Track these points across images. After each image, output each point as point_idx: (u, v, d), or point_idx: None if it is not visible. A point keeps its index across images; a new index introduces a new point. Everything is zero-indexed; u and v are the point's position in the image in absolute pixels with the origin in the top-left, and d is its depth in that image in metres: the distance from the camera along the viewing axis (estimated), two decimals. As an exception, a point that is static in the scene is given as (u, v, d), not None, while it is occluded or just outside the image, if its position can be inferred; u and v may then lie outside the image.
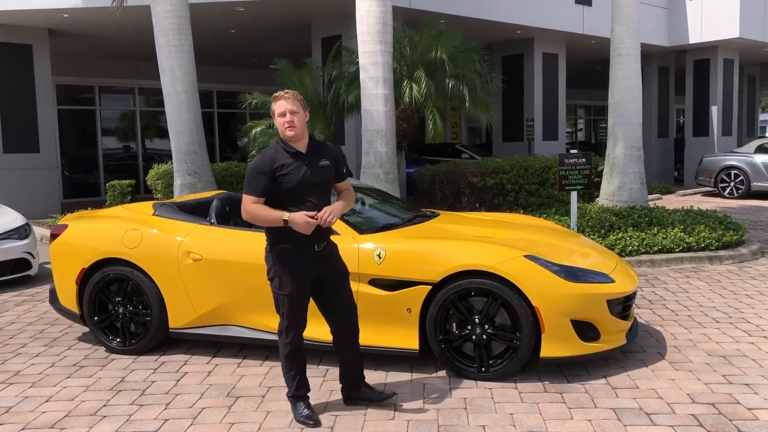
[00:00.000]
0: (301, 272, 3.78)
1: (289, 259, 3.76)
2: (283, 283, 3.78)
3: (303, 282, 3.79)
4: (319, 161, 3.81)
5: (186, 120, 9.18)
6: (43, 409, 4.18)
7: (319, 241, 3.81)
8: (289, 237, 3.71)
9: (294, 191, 3.71)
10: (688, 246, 8.30)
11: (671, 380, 4.40)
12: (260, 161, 3.73)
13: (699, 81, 19.01)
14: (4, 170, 13.01)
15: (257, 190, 3.68)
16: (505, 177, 11.18)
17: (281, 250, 3.77)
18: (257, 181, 3.68)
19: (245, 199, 3.70)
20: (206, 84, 17.03)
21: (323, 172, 3.82)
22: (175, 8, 8.99)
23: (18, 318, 6.42)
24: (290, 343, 3.87)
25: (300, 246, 3.75)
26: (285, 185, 3.70)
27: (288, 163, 3.72)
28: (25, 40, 13.26)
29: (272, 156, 3.73)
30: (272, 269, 3.82)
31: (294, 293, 3.77)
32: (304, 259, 3.78)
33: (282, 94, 3.81)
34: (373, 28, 8.37)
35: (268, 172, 3.68)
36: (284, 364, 3.91)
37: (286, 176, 3.70)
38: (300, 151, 3.78)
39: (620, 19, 10.62)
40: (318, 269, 3.85)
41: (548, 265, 4.43)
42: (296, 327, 3.86)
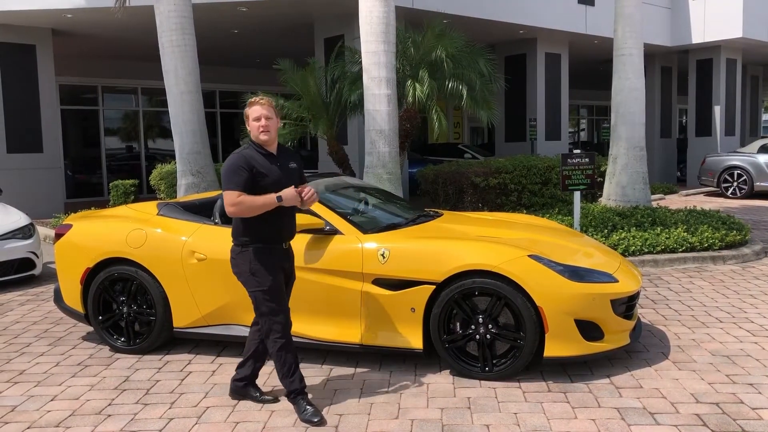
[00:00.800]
0: (275, 268, 3.95)
1: (264, 256, 3.92)
2: (261, 280, 3.91)
3: (279, 274, 3.97)
4: (288, 164, 4.06)
5: (189, 120, 9.19)
6: (48, 408, 4.20)
7: (287, 239, 4.06)
8: (261, 236, 3.91)
9: (270, 188, 3.87)
10: (691, 246, 8.30)
11: (675, 380, 4.40)
12: (239, 158, 3.87)
13: (702, 81, 18.99)
14: (7, 170, 13.04)
15: (240, 185, 3.81)
16: (508, 177, 11.18)
17: (256, 249, 3.91)
18: (239, 176, 3.82)
19: (229, 195, 3.80)
20: (209, 84, 17.09)
21: (293, 174, 4.07)
22: (179, 8, 8.99)
23: (22, 317, 6.44)
24: (282, 336, 3.95)
25: (272, 244, 3.96)
26: (262, 183, 3.87)
27: (263, 163, 3.91)
28: (29, 40, 13.29)
29: (249, 155, 3.90)
30: (248, 269, 3.92)
31: (273, 286, 3.92)
32: (276, 256, 3.97)
33: (257, 99, 3.96)
34: (376, 28, 8.37)
35: (247, 168, 3.83)
36: (279, 360, 3.96)
37: (263, 175, 3.88)
38: (272, 153, 3.99)
39: (623, 19, 10.62)
40: (285, 266, 4.07)
41: (552, 264, 4.44)
42: (283, 319, 3.95)
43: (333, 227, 4.78)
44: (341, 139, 12.28)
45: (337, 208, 5.03)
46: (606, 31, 15.71)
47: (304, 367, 4.77)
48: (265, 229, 3.90)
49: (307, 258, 4.71)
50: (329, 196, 5.31)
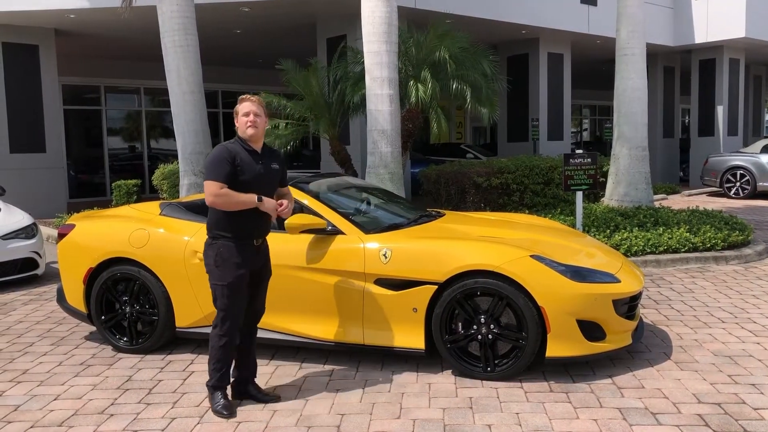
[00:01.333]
0: (241, 265, 4.00)
1: (232, 251, 3.98)
2: (224, 274, 3.98)
3: (242, 274, 4.01)
4: (271, 164, 4.13)
5: (192, 120, 9.20)
6: (51, 407, 4.21)
7: (258, 237, 4.10)
8: (235, 231, 3.99)
9: (249, 184, 3.96)
10: (693, 246, 8.29)
11: (677, 380, 4.40)
12: (222, 151, 3.95)
13: (704, 81, 18.97)
14: (10, 170, 13.07)
15: (222, 177, 3.89)
16: (510, 177, 11.18)
17: (225, 243, 3.99)
18: (221, 168, 3.90)
19: (212, 186, 3.88)
20: (212, 84, 17.09)
21: (274, 174, 4.15)
22: (182, 9, 9.00)
23: (25, 317, 6.45)
24: (226, 334, 4.01)
25: (242, 240, 4.01)
26: (242, 177, 3.95)
27: (246, 158, 3.99)
28: (32, 40, 13.32)
29: (232, 148, 3.99)
30: (213, 261, 4.01)
31: (233, 283, 3.98)
32: (245, 253, 4.02)
33: (248, 96, 4.08)
34: (379, 28, 8.38)
35: (230, 161, 3.92)
36: (214, 355, 4.03)
37: (245, 169, 3.96)
38: (257, 150, 4.07)
39: (625, 19, 10.62)
40: (255, 264, 4.11)
41: (554, 265, 4.44)
42: (233, 318, 4.02)
43: (335, 227, 4.78)
44: (343, 139, 12.29)
45: (339, 208, 5.04)
46: (609, 31, 15.69)
47: (306, 366, 4.79)
48: (239, 225, 3.99)
49: (309, 258, 4.72)
50: (331, 196, 5.32)
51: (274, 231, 5.00)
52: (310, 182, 5.38)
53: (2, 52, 13.05)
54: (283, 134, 11.05)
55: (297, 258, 4.75)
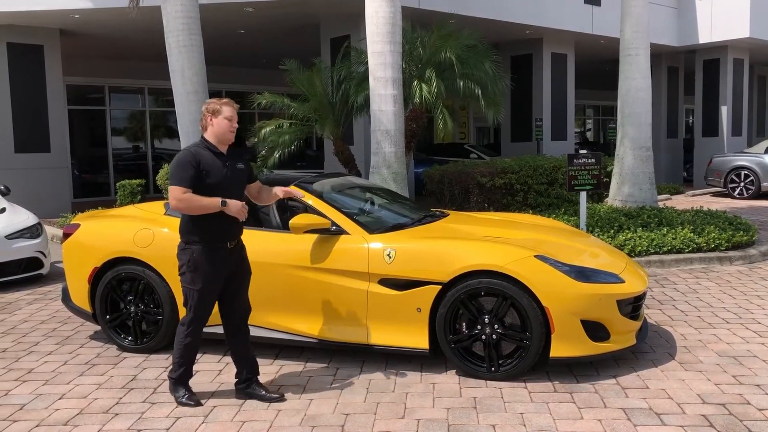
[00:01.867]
0: (215, 270, 4.04)
1: (205, 256, 4.01)
2: (195, 279, 4.02)
3: (215, 279, 4.06)
4: (236, 164, 4.16)
5: (196, 120, 9.19)
6: (57, 406, 4.22)
7: (231, 239, 4.11)
8: (207, 236, 4.01)
9: (215, 186, 3.99)
10: (697, 246, 8.28)
11: (681, 380, 4.40)
12: (187, 155, 3.99)
13: (709, 81, 18.93)
14: (15, 170, 13.10)
15: (186, 182, 3.91)
16: (514, 177, 11.17)
17: (198, 247, 4.02)
18: (186, 173, 3.92)
19: (175, 190, 3.91)
20: (215, 84, 17.08)
21: (239, 174, 4.17)
22: (186, 9, 9.01)
23: (30, 316, 6.47)
24: (191, 334, 4.11)
25: (215, 244, 4.04)
26: (209, 180, 3.98)
27: (211, 161, 4.02)
28: (37, 40, 13.35)
29: (197, 152, 4.01)
30: (186, 265, 4.04)
31: (204, 289, 4.04)
32: (218, 257, 4.05)
33: (229, 101, 4.12)
34: (382, 28, 8.38)
35: (195, 166, 3.95)
36: (179, 352, 4.13)
37: (211, 172, 3.99)
38: (223, 152, 4.12)
39: (629, 19, 10.61)
40: (229, 266, 4.12)
41: (558, 265, 4.44)
42: (200, 320, 4.12)
43: (339, 227, 4.79)
44: (347, 140, 12.29)
45: (343, 208, 5.05)
46: (612, 31, 15.66)
47: (310, 366, 4.80)
48: (211, 229, 4.01)
49: (313, 258, 4.73)
50: (335, 196, 5.33)
51: (278, 231, 5.02)
52: (314, 182, 5.39)
53: (7, 52, 13.08)
54: (286, 134, 11.06)
55: (301, 258, 4.76)
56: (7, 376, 4.79)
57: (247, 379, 4.27)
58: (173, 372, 4.19)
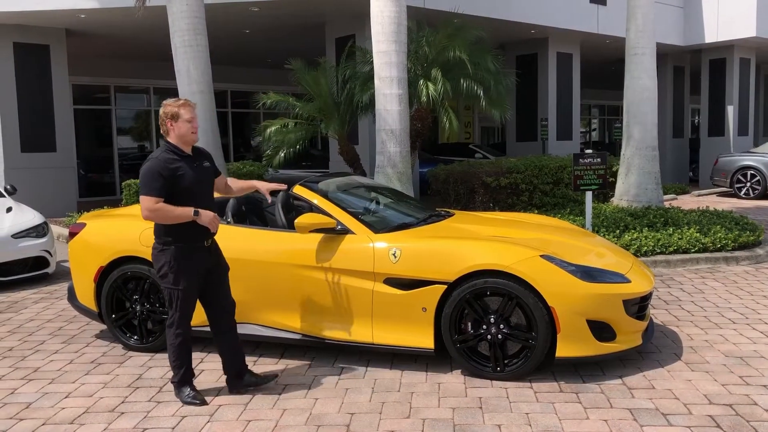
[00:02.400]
0: (194, 267, 4.12)
1: (184, 256, 4.08)
2: (177, 278, 4.08)
3: (195, 276, 4.13)
4: (203, 163, 4.23)
5: (201, 120, 9.20)
6: (63, 405, 4.24)
7: (207, 238, 4.18)
8: (183, 236, 4.06)
9: (189, 189, 4.05)
10: (703, 246, 8.25)
11: (687, 381, 4.38)
12: (157, 164, 3.98)
13: (715, 80, 18.87)
14: (21, 169, 13.15)
15: (156, 191, 3.95)
16: (519, 177, 11.15)
17: (176, 248, 4.06)
18: (157, 182, 3.95)
19: (147, 201, 3.94)
20: (220, 84, 17.13)
21: (207, 172, 4.25)
22: (191, 9, 9.04)
23: (36, 315, 6.49)
24: (181, 334, 4.16)
25: (193, 243, 4.10)
26: (182, 184, 4.03)
27: (181, 165, 4.06)
28: (43, 40, 13.39)
29: (166, 159, 4.03)
30: (166, 266, 4.09)
31: (188, 288, 4.11)
32: (196, 255, 4.13)
33: (187, 102, 4.14)
34: (388, 28, 8.38)
35: (166, 175, 3.97)
36: (174, 354, 4.17)
37: (183, 176, 4.03)
38: (189, 154, 4.16)
39: (635, 19, 10.58)
40: (207, 263, 4.20)
41: (564, 264, 4.43)
42: (187, 318, 4.17)
43: (344, 227, 4.79)
44: (352, 139, 12.29)
45: (348, 207, 5.05)
46: (618, 31, 15.63)
47: (316, 365, 4.80)
48: (187, 230, 4.06)
49: (318, 257, 4.73)
50: (341, 196, 5.33)
51: (283, 230, 5.03)
52: (319, 182, 5.39)
53: (13, 52, 13.13)
54: (291, 134, 11.06)
55: (306, 257, 4.76)
56: (14, 375, 4.81)
57: (237, 374, 4.34)
58: (174, 376, 4.22)
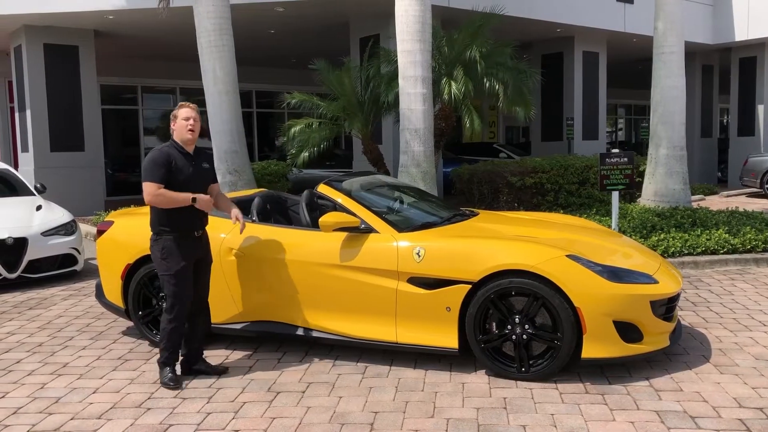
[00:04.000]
0: (185, 255, 4.44)
1: (177, 243, 4.42)
2: (170, 265, 4.41)
3: (187, 263, 4.44)
4: (202, 164, 4.59)
5: (227, 119, 9.30)
6: (90, 400, 4.29)
7: (198, 228, 4.54)
8: (177, 225, 4.42)
9: (183, 183, 4.40)
10: (733, 248, 8.11)
11: (716, 383, 4.31)
12: (159, 155, 4.40)
13: (745, 79, 18.55)
14: (51, 168, 13.37)
15: (158, 178, 4.34)
16: (545, 176, 11.07)
17: (171, 236, 4.42)
18: (159, 171, 4.35)
19: (150, 186, 4.34)
20: (246, 84, 17.25)
21: (205, 173, 4.62)
22: (217, 9, 9.11)
23: (65, 311, 6.59)
24: (175, 319, 4.44)
25: (184, 232, 4.46)
26: (178, 178, 4.39)
27: (180, 160, 4.44)
28: (72, 41, 13.60)
29: (168, 152, 4.43)
30: (160, 255, 4.43)
31: (180, 272, 4.41)
32: (187, 243, 4.46)
33: (187, 104, 4.56)
34: (412, 27, 8.36)
35: (166, 165, 4.37)
36: (164, 337, 4.46)
37: (180, 171, 4.41)
38: (190, 152, 4.53)
39: (663, 17, 10.44)
40: (197, 252, 4.55)
41: (591, 265, 4.38)
42: (181, 303, 4.44)
43: (368, 225, 4.79)
44: (376, 139, 12.30)
45: (372, 206, 5.04)
46: (645, 29, 15.44)
47: (339, 363, 4.80)
48: (179, 220, 4.42)
49: (342, 256, 4.73)
50: (365, 195, 5.33)
51: (307, 229, 5.05)
52: (343, 181, 5.39)
53: (44, 54, 13.35)
54: (316, 133, 11.10)
55: (330, 256, 4.76)
56: (43, 370, 4.89)
57: (193, 356, 4.64)
58: (160, 357, 4.51)
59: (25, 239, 7.63)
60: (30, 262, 7.70)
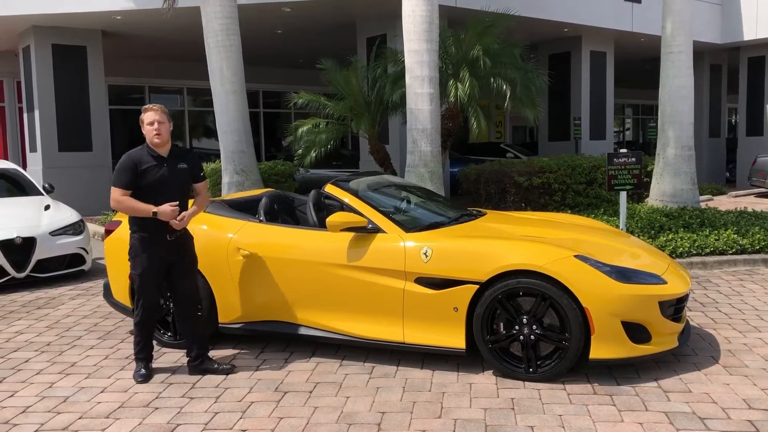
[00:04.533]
0: (152, 256, 4.51)
1: (144, 245, 4.51)
2: (136, 263, 4.53)
3: (152, 264, 4.51)
4: (178, 164, 4.60)
5: (234, 119, 9.31)
6: (98, 399, 4.30)
7: (170, 233, 4.54)
8: (146, 227, 4.48)
9: (152, 186, 4.45)
10: (741, 248, 8.07)
11: (725, 385, 4.29)
12: (126, 160, 4.48)
13: (753, 79, 18.46)
14: (59, 168, 13.43)
15: (124, 183, 4.42)
16: (552, 176, 11.04)
17: (140, 237, 4.52)
18: (124, 176, 4.43)
19: (114, 192, 4.43)
20: (253, 84, 17.28)
21: (182, 174, 4.62)
22: (225, 9, 9.12)
23: (73, 311, 6.61)
24: (141, 315, 4.58)
25: (151, 234, 4.50)
26: (145, 181, 4.44)
27: (150, 163, 4.49)
28: (80, 41, 13.66)
29: (138, 156, 4.50)
30: (131, 252, 4.56)
31: (144, 272, 4.52)
32: (156, 246, 4.51)
33: (150, 106, 4.63)
34: (419, 27, 8.35)
35: (132, 170, 4.43)
36: (136, 331, 4.64)
37: (147, 174, 4.46)
38: (162, 155, 4.55)
39: (671, 16, 10.40)
40: (168, 256, 4.57)
41: (599, 265, 4.36)
42: (146, 301, 4.57)
43: (375, 225, 4.78)
44: (383, 139, 12.29)
45: (379, 206, 5.04)
46: (653, 29, 15.39)
47: (346, 364, 4.80)
48: (148, 223, 4.47)
49: (349, 256, 4.73)
50: (372, 195, 5.32)
51: (314, 229, 5.05)
52: (350, 181, 5.39)
53: (52, 54, 13.41)
54: (323, 133, 11.10)
55: (337, 256, 4.76)
56: (51, 369, 4.90)
57: (198, 356, 4.67)
58: (134, 351, 4.67)
59: (34, 239, 7.66)
60: (38, 262, 7.72)
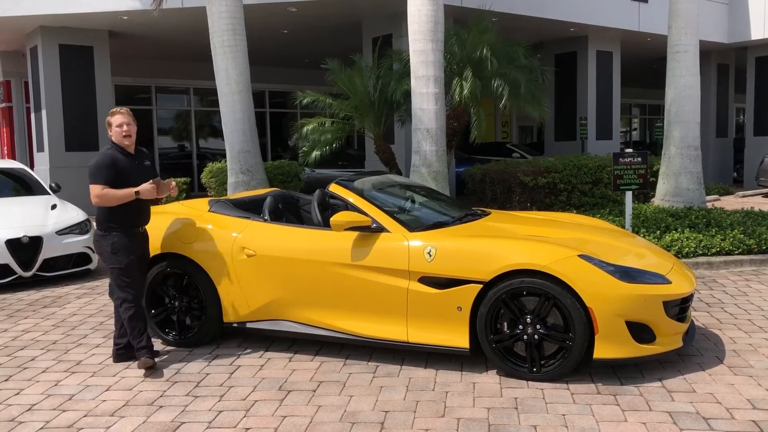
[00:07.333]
0: (131, 248, 4.79)
1: (124, 239, 4.76)
2: (119, 258, 4.75)
3: (132, 255, 4.79)
4: (144, 162, 4.98)
5: (240, 119, 9.34)
6: (104, 397, 4.32)
7: (140, 225, 4.91)
8: (122, 222, 4.76)
9: (128, 183, 4.73)
10: (748, 248, 8.03)
11: (730, 385, 4.28)
12: (103, 158, 4.74)
13: (761, 78, 18.37)
14: (65, 168, 13.49)
15: (104, 179, 4.67)
16: (558, 176, 11.03)
17: (118, 232, 4.76)
18: (105, 172, 4.68)
19: (94, 188, 4.66)
20: (259, 84, 17.33)
21: (148, 170, 4.98)
22: (230, 9, 9.15)
23: (79, 310, 6.64)
24: (132, 306, 4.75)
25: (130, 229, 4.81)
26: (121, 177, 4.72)
27: (123, 161, 4.79)
28: (87, 42, 13.74)
29: (112, 155, 4.77)
30: (110, 249, 4.75)
31: (129, 264, 4.77)
32: (132, 238, 4.82)
33: (118, 110, 4.90)
34: (424, 26, 8.36)
35: (111, 167, 4.70)
36: (129, 325, 4.77)
37: (123, 171, 4.74)
38: (131, 153, 4.89)
39: (678, 16, 10.37)
40: (139, 248, 4.90)
41: (603, 265, 4.36)
42: (133, 291, 4.78)
43: (379, 225, 4.79)
44: (388, 138, 12.30)
45: (383, 206, 5.04)
46: (659, 28, 15.35)
47: (350, 363, 4.81)
48: (126, 217, 4.76)
49: (353, 255, 4.74)
50: (376, 194, 5.32)
51: (319, 228, 5.05)
52: (354, 180, 5.40)
53: (59, 54, 13.48)
54: (328, 132, 11.12)
55: (341, 255, 4.77)
56: (57, 368, 4.93)
57: (126, 345, 4.91)
58: (140, 342, 4.75)
59: (40, 238, 7.69)
60: (45, 261, 7.76)
